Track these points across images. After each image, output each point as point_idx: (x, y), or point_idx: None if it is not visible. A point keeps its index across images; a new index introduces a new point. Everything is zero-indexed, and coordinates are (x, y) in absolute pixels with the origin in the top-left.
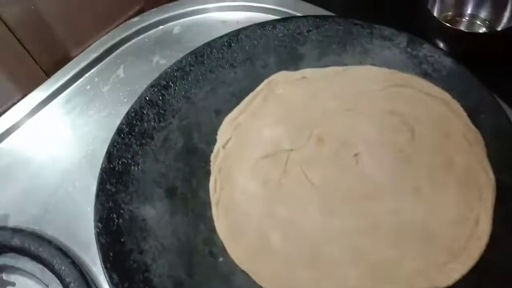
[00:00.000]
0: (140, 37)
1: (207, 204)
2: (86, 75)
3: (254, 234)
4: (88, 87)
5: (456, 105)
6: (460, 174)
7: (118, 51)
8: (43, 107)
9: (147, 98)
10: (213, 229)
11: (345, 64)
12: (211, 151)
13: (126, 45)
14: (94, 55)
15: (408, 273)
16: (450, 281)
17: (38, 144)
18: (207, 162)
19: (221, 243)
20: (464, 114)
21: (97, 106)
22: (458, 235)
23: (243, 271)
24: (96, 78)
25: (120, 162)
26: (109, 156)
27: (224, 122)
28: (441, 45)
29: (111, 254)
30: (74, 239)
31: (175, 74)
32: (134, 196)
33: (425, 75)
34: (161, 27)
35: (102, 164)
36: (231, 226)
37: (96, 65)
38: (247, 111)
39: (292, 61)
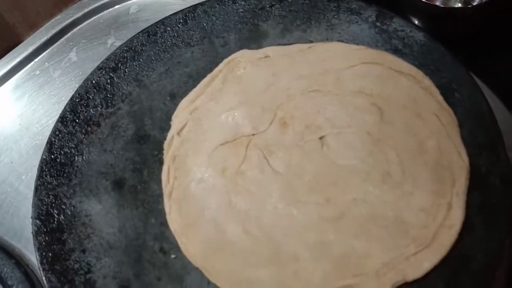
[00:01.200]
0: (94, 17)
1: (159, 196)
2: (36, 59)
3: (210, 228)
4: (38, 72)
5: (428, 82)
6: (432, 158)
7: (70, 33)
8: None
9: (94, 81)
10: (165, 223)
11: (311, 41)
12: (165, 139)
13: (79, 27)
14: (44, 38)
15: (375, 265)
16: (420, 273)
17: None
18: (160, 150)
19: (173, 238)
20: (437, 92)
21: (47, 92)
22: (429, 223)
23: (197, 269)
24: (46, 63)
25: (62, 153)
26: (50, 146)
27: (179, 107)
28: (416, 21)
29: (50, 254)
30: (20, 237)
31: (125, 55)
32: (77, 190)
33: (396, 51)
34: (116, 6)
35: (42, 155)
36: (184, 219)
37: (47, 48)
38: (204, 94)
39: (254, 39)
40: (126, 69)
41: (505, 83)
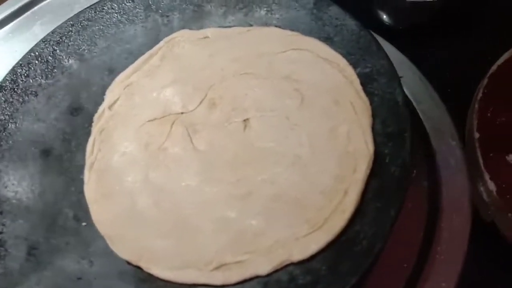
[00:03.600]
0: None
1: (82, 167)
2: (0, 30)
3: (122, 199)
4: (2, 42)
5: (350, 71)
6: (340, 144)
7: (36, 7)
8: None
9: (37, 53)
10: (82, 192)
11: (251, 25)
12: None
13: (46, 1)
14: (10, 10)
15: (268, 244)
16: (306, 254)
17: None
18: (90, 123)
19: (87, 207)
20: (357, 81)
21: (8, 63)
22: (324, 206)
23: (103, 237)
24: (10, 34)
25: None
26: None
27: (114, 81)
28: (384, 16)
29: None
30: None
31: (70, 29)
32: (6, 155)
33: (327, 39)
34: None
35: None
36: (100, 189)
37: (12, 20)
38: (141, 70)
39: (197, 20)
40: (69, 43)
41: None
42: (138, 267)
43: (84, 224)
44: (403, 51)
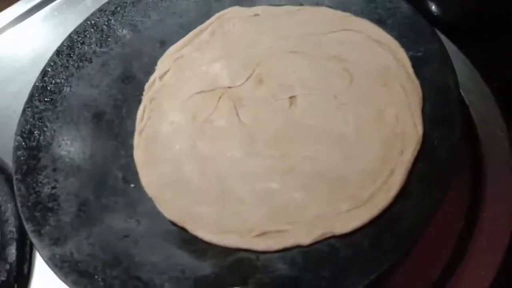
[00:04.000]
0: None
1: (132, 133)
2: (55, 1)
3: (169, 165)
4: (56, 13)
5: (402, 53)
6: (388, 125)
7: None
8: (3, 31)
9: (92, 22)
10: (131, 157)
11: (301, 4)
12: (148, 81)
13: None
14: None
15: (309, 217)
16: (348, 228)
17: None
18: (141, 92)
19: (136, 170)
20: (408, 63)
21: (61, 33)
22: (368, 185)
23: (150, 199)
24: (64, 5)
25: (53, 82)
26: (44, 75)
27: (166, 53)
28: (433, 7)
29: (24, 167)
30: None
31: (125, 0)
32: (60, 116)
33: (380, 21)
34: None
35: (35, 82)
36: (149, 155)
37: None
38: (191, 44)
39: None
40: (124, 14)
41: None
42: (182, 229)
43: (132, 185)
44: (453, 41)
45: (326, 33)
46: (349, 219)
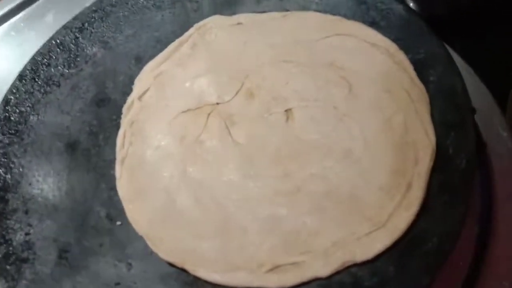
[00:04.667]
0: None
1: (112, 162)
2: (12, 20)
3: (160, 196)
4: (13, 33)
5: (402, 56)
6: (397, 135)
7: None
8: None
9: (58, 41)
10: (115, 189)
11: (287, 10)
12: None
13: None
14: None
15: (325, 244)
16: (370, 254)
17: None
18: (119, 115)
19: (121, 205)
20: (410, 67)
21: (21, 53)
22: (385, 202)
23: (141, 238)
24: (22, 24)
25: (17, 111)
26: (6, 103)
27: (143, 70)
28: (411, 4)
29: None
30: None
31: (93, 15)
32: (28, 149)
33: (373, 23)
34: None
35: None
36: (135, 186)
37: (24, 9)
38: (171, 59)
39: (228, 5)
40: (92, 30)
41: (488, 64)
42: (182, 270)
43: (118, 223)
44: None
45: (317, 39)
46: (370, 243)
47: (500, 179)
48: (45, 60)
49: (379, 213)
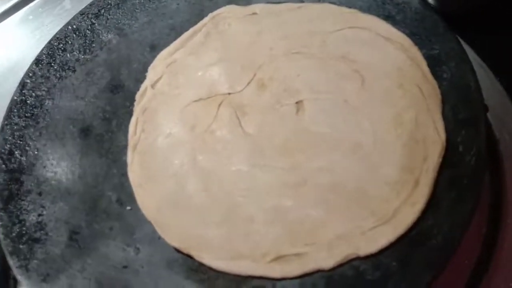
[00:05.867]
0: None
1: (125, 148)
2: (31, 4)
3: (169, 183)
4: (31, 17)
5: (416, 52)
6: (407, 130)
7: None
8: None
9: (74, 26)
10: (126, 175)
11: (302, 1)
12: (139, 90)
13: None
14: None
15: (329, 237)
16: (374, 248)
17: None
18: (132, 102)
19: (131, 190)
20: (423, 62)
21: (37, 38)
22: (391, 197)
23: (150, 223)
24: (40, 9)
25: (33, 95)
26: (22, 87)
27: (157, 58)
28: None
29: (5, 193)
30: None
31: (109, 2)
32: (43, 133)
33: (388, 17)
34: None
35: (13, 96)
36: (145, 172)
37: None
38: (185, 48)
39: None
40: (108, 16)
41: (504, 61)
42: (188, 256)
43: (128, 208)
44: (460, 36)
45: (331, 32)
46: (374, 237)
47: (511, 178)
48: (61, 45)
49: (384, 208)
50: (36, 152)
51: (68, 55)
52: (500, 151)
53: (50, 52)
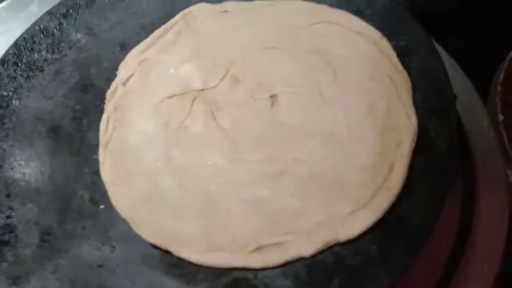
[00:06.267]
0: None
1: (96, 147)
2: None
3: (142, 180)
4: None
5: (385, 44)
6: (380, 119)
7: None
8: None
9: (41, 26)
10: (98, 173)
11: None
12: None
13: None
14: None
15: (308, 225)
16: (353, 233)
17: None
18: (103, 100)
19: (104, 188)
20: (393, 53)
21: (4, 42)
22: (368, 183)
23: (125, 221)
24: (5, 13)
25: None
26: None
27: (127, 56)
28: None
29: None
30: None
31: (78, 1)
32: (10, 133)
33: (357, 11)
34: None
35: None
36: (118, 170)
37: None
38: (156, 46)
39: None
40: (77, 16)
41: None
42: (165, 251)
43: (102, 206)
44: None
45: (303, 27)
46: (352, 223)
47: (481, 166)
48: (28, 45)
49: (361, 193)
50: (3, 153)
51: (35, 54)
52: (470, 143)
53: (16, 52)
